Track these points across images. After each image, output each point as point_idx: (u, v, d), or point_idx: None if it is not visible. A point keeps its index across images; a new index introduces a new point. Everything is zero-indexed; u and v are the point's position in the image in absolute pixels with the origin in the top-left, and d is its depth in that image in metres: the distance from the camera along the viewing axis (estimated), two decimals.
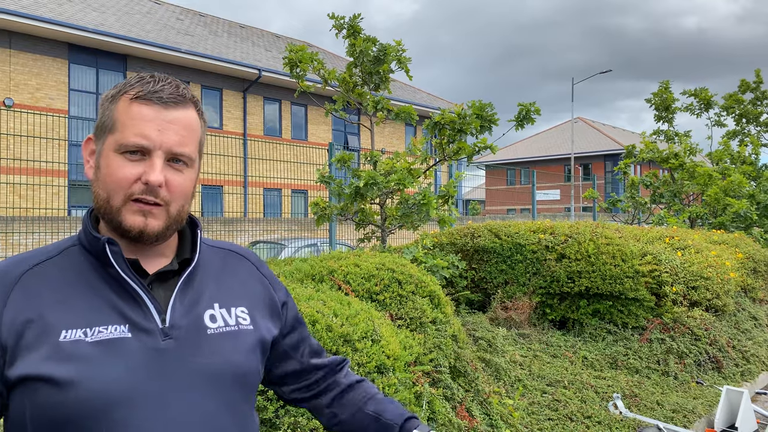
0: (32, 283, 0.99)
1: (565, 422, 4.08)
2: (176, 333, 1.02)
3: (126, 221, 1.01)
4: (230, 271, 1.18)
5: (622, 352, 5.54)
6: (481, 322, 5.34)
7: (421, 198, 4.91)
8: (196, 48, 19.13)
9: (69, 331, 0.95)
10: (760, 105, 15.12)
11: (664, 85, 13.14)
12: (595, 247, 5.96)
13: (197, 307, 1.07)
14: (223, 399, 1.04)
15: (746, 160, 13.13)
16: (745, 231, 10.83)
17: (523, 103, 5.55)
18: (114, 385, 0.94)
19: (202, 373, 1.02)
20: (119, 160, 1.00)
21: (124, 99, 1.03)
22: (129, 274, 1.01)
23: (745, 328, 6.93)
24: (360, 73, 5.50)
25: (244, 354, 1.08)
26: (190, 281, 1.09)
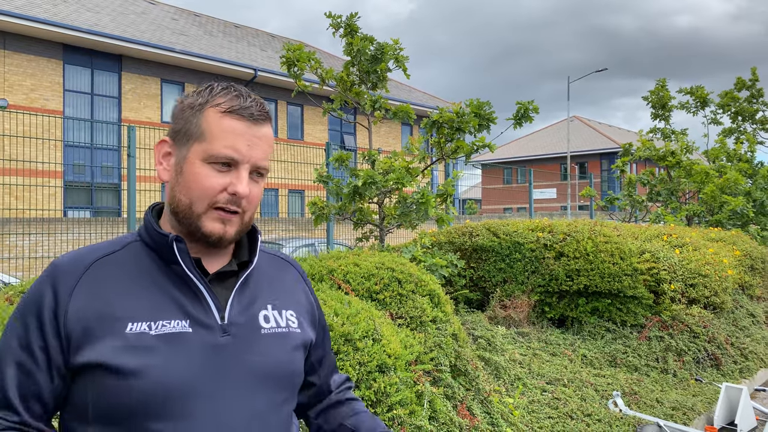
0: (98, 275, 1.04)
1: (565, 420, 4.08)
2: (234, 330, 1.07)
3: (206, 227, 1.06)
4: (280, 277, 1.24)
5: (621, 350, 5.54)
6: (480, 320, 5.33)
7: (419, 197, 4.90)
8: (191, 48, 19.08)
9: (134, 324, 1.00)
10: (756, 103, 15.16)
11: (660, 83, 13.16)
12: (594, 245, 5.96)
13: (253, 307, 1.12)
14: (272, 397, 1.09)
15: (742, 158, 13.16)
16: (742, 228, 10.86)
17: (521, 102, 5.54)
18: (175, 377, 0.99)
19: (256, 370, 1.07)
20: (207, 170, 1.05)
21: (214, 111, 1.07)
22: (193, 271, 1.06)
23: (743, 325, 6.95)
24: (357, 72, 5.48)
25: (292, 355, 1.14)
26: (246, 282, 1.14)
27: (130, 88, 17.88)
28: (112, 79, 17.63)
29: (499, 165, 37.49)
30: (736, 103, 15.07)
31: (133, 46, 17.15)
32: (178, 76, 18.98)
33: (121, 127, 16.26)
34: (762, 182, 12.22)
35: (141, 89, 18.13)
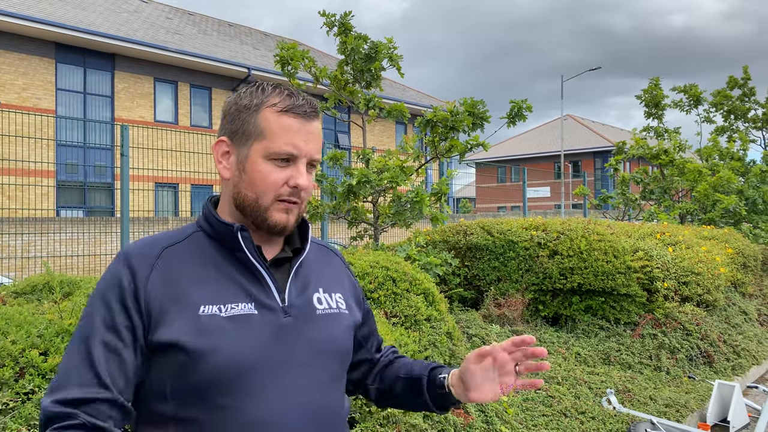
0: (169, 262, 1.13)
1: (559, 418, 4.09)
2: (293, 311, 1.17)
3: (272, 218, 1.16)
4: (326, 263, 1.34)
5: (614, 347, 5.57)
6: (474, 319, 5.35)
7: (414, 196, 4.91)
8: (185, 47, 19.02)
9: (206, 307, 1.09)
10: (748, 101, 15.25)
11: (654, 82, 13.21)
12: (587, 243, 5.98)
13: (307, 290, 1.22)
14: (330, 372, 1.20)
15: (735, 156, 13.23)
16: (735, 226, 10.91)
17: (515, 100, 5.55)
18: (246, 355, 1.08)
19: (315, 348, 1.17)
20: (269, 166, 1.15)
21: (271, 111, 1.16)
22: (257, 258, 1.16)
23: (735, 322, 6.99)
24: (351, 71, 5.48)
25: (344, 333, 1.25)
26: (300, 267, 1.24)
27: (123, 87, 17.81)
28: (105, 78, 17.55)
29: (493, 164, 37.54)
30: (729, 101, 15.14)
31: (126, 44, 17.08)
32: (171, 75, 18.91)
33: (114, 126, 16.20)
34: (754, 180, 12.29)
35: (134, 88, 18.05)
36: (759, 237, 10.82)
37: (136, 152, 10.79)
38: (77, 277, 4.00)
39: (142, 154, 11.01)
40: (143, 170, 9.23)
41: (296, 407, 1.11)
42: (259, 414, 1.07)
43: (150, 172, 14.32)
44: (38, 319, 2.56)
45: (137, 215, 10.78)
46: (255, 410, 1.07)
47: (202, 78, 19.60)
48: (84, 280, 3.78)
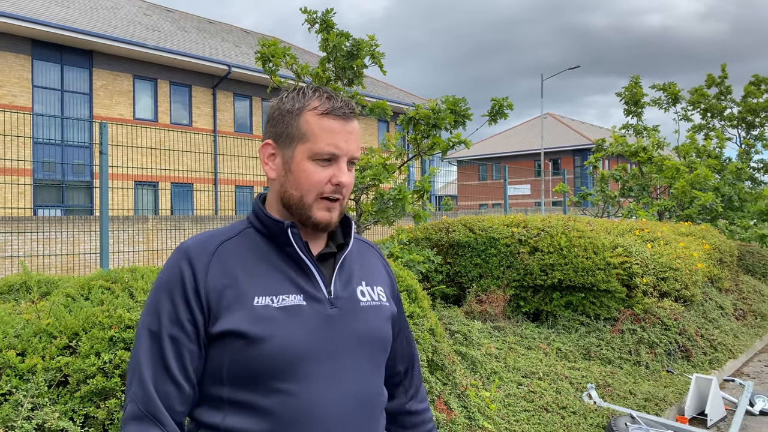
0: (224, 257, 1.21)
1: (541, 413, 4.13)
2: (340, 303, 1.24)
3: (316, 216, 1.23)
4: (367, 257, 1.41)
5: (594, 343, 5.63)
6: (456, 315, 5.37)
7: (396, 193, 4.91)
8: (164, 44, 18.82)
9: (260, 298, 1.17)
10: (724, 100, 15.49)
11: (634, 80, 13.36)
12: (568, 240, 6.03)
13: (351, 283, 1.30)
14: (374, 360, 1.28)
15: (711, 154, 13.44)
16: (711, 223, 11.10)
17: (496, 98, 5.58)
18: (297, 343, 1.16)
19: (360, 337, 1.25)
20: (313, 166, 1.22)
21: (312, 114, 1.23)
22: (306, 253, 1.23)
23: (712, 317, 7.10)
24: (333, 68, 5.47)
25: (385, 324, 1.32)
26: (344, 261, 1.31)
27: (102, 84, 17.57)
28: (83, 75, 17.31)
29: (475, 162, 37.70)
30: (706, 99, 15.37)
31: (105, 41, 16.85)
32: (150, 73, 18.71)
33: (93, 123, 15.99)
34: (730, 178, 12.50)
35: (113, 85, 17.83)
36: (735, 233, 11.02)
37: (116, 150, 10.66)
38: (55, 277, 3.95)
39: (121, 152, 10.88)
40: (122, 168, 9.12)
41: (343, 393, 1.19)
42: (310, 398, 1.15)
43: (129, 170, 14.19)
44: (15, 319, 2.52)
45: (116, 214, 10.66)
46: (306, 395, 1.15)
47: (181, 75, 19.42)
48: (62, 280, 3.73)
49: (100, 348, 2.37)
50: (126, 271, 3.03)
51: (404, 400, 1.48)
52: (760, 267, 11.51)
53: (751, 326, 7.82)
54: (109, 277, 2.92)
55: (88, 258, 7.82)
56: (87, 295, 2.78)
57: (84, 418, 2.26)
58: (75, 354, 2.38)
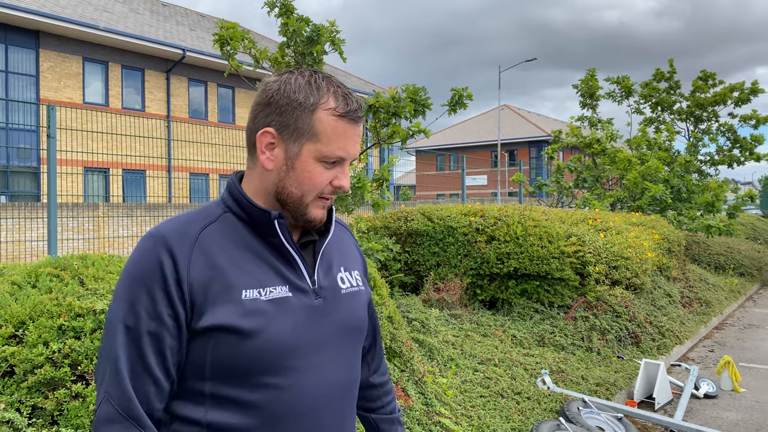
0: (207, 245, 1.14)
1: (496, 399, 4.20)
2: (323, 293, 1.22)
3: (311, 214, 1.20)
4: (342, 240, 1.38)
5: (549, 330, 5.75)
6: (414, 303, 5.40)
7: (355, 182, 4.89)
8: (116, 26, 18.22)
9: (248, 291, 1.12)
10: (674, 94, 15.94)
11: (590, 73, 13.62)
12: (523, 229, 6.13)
13: (332, 271, 1.27)
14: (355, 347, 1.28)
15: (662, 147, 13.84)
16: (661, 213, 11.45)
17: (455, 88, 5.60)
18: (286, 336, 1.13)
19: (343, 326, 1.24)
20: (319, 167, 1.18)
21: (328, 114, 1.16)
22: (291, 244, 1.20)
23: (660, 304, 7.35)
24: (293, 54, 5.39)
25: (364, 310, 1.32)
26: (324, 249, 1.28)
27: (49, 66, 16.91)
28: (29, 56, 16.61)
29: (433, 152, 37.92)
30: (657, 93, 15.79)
31: (52, 21, 16.19)
32: (101, 55, 18.10)
33: (40, 106, 15.38)
34: (679, 170, 12.90)
35: (61, 68, 17.18)
36: (683, 224, 11.40)
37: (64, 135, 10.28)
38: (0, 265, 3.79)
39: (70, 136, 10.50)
40: (72, 153, 8.81)
41: (327, 384, 1.19)
42: (297, 392, 1.14)
43: (79, 155, 13.72)
44: None
45: (65, 200, 10.30)
46: (293, 388, 1.13)
47: (134, 59, 18.85)
48: (7, 267, 3.58)
49: (48, 337, 2.29)
50: (76, 258, 2.93)
51: (367, 374, 1.48)
52: (706, 256, 11.96)
53: (696, 313, 8.13)
54: (58, 265, 2.82)
55: (35, 245, 7.55)
56: (34, 282, 2.67)
57: (31, 409, 2.19)
58: (21, 343, 2.29)
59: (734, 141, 15.32)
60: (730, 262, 12.08)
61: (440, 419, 3.51)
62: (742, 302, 10.54)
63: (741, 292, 10.77)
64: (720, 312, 8.85)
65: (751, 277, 12.28)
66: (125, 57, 18.65)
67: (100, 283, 2.68)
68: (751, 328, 8.44)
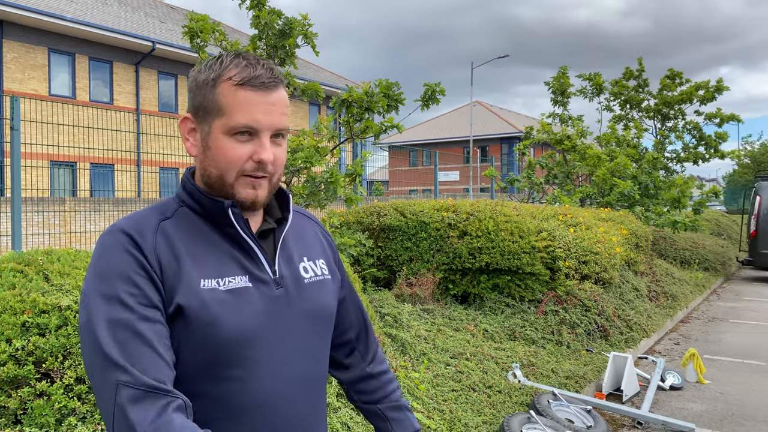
0: (166, 238, 1.13)
1: (468, 393, 4.23)
2: (284, 282, 1.20)
3: (239, 194, 1.15)
4: (306, 229, 1.36)
5: (519, 324, 5.81)
6: (387, 298, 5.41)
7: (328, 176, 4.87)
8: (83, 17, 17.82)
9: (206, 281, 1.11)
10: (642, 92, 16.22)
11: (562, 71, 13.78)
12: (495, 224, 6.18)
13: (293, 260, 1.25)
14: (320, 335, 1.26)
15: (630, 144, 14.08)
16: (629, 209, 11.65)
17: (428, 83, 5.61)
18: (246, 327, 1.11)
19: (306, 315, 1.22)
20: (231, 142, 1.13)
21: (227, 85, 1.13)
22: (247, 233, 1.17)
23: (628, 298, 7.48)
24: (264, 47, 5.33)
25: (330, 298, 1.29)
26: (284, 237, 1.26)
27: (13, 57, 16.46)
28: None
29: (406, 147, 37.99)
30: (626, 91, 16.06)
31: (16, 11, 15.75)
32: (67, 46, 17.68)
33: (3, 98, 14.97)
34: (646, 167, 13.14)
35: (25, 59, 16.73)
36: (650, 219, 11.62)
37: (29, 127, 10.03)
38: None
39: (35, 129, 10.25)
40: (37, 146, 8.59)
41: (291, 376, 1.16)
42: (259, 384, 1.12)
43: (45, 148, 13.40)
44: None
45: (30, 195, 10.05)
46: (255, 381, 1.11)
47: (102, 51, 18.47)
48: None
49: (11, 334, 2.23)
50: (41, 253, 2.86)
51: (363, 365, 1.46)
52: (672, 251, 12.21)
53: (663, 307, 8.30)
54: (21, 260, 2.75)
55: None
56: None
57: None
58: None
59: (699, 138, 15.67)
60: (696, 256, 12.36)
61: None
62: (707, 296, 10.80)
63: (705, 286, 11.03)
64: (685, 306, 9.05)
65: (716, 272, 12.58)
66: (93, 49, 18.25)
67: (65, 278, 2.62)
68: (715, 321, 8.65)
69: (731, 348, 7.01)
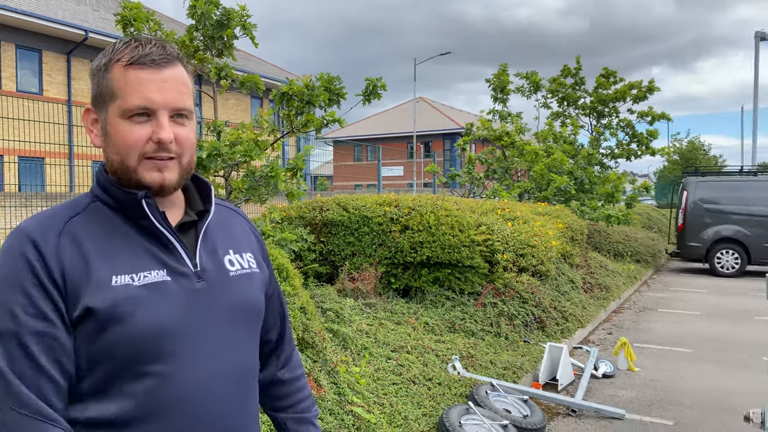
0: (74, 236, 1.08)
1: (408, 385, 4.27)
2: (206, 275, 1.16)
3: (144, 178, 1.11)
4: (230, 223, 1.33)
5: (459, 316, 5.91)
6: (329, 293, 5.39)
7: (268, 170, 4.80)
8: (9, 3, 16.93)
9: (118, 277, 1.07)
10: (579, 90, 16.72)
11: (502, 68, 14.04)
12: (436, 218, 6.25)
13: (217, 253, 1.22)
14: (247, 331, 1.22)
15: (567, 140, 14.50)
16: (565, 204, 12.02)
17: (370, 78, 5.61)
18: (163, 321, 1.07)
19: (231, 309, 1.18)
20: (128, 125, 1.10)
21: (118, 67, 1.10)
22: (164, 224, 1.13)
23: (564, 290, 7.72)
24: (202, 37, 5.21)
25: (257, 292, 1.26)
26: (207, 230, 1.22)
27: None
28: None
29: (351, 142, 37.94)
30: (563, 89, 16.51)
31: None
32: None
33: None
34: (582, 162, 13.58)
35: None
36: (585, 213, 12.02)
37: None
38: None
39: None
40: None
41: (216, 371, 1.13)
42: (181, 379, 1.08)
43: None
44: None
45: None
46: (176, 376, 1.08)
47: (31, 39, 17.61)
48: None
49: None
50: None
51: (275, 369, 1.42)
52: (606, 244, 12.67)
53: (597, 298, 8.60)
54: None
55: None
56: None
57: None
58: None
59: (632, 136, 16.28)
60: (628, 249, 12.87)
61: (352, 408, 3.53)
62: (638, 287, 11.27)
63: (637, 277, 11.50)
64: (618, 296, 9.41)
65: (646, 264, 13.13)
66: (20, 36, 17.38)
67: None
68: (646, 311, 9.04)
69: (660, 336, 7.34)
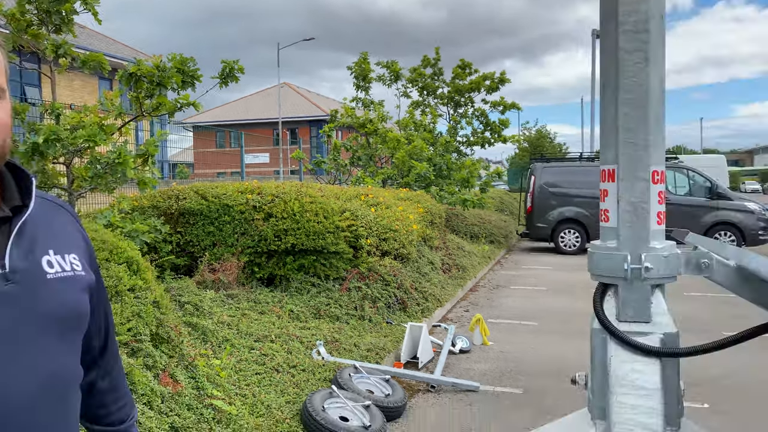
0: None
1: (272, 374, 4.23)
2: (17, 277, 1.05)
3: None
4: (54, 220, 1.21)
5: (324, 302, 5.94)
6: (187, 286, 5.18)
7: (115, 156, 4.50)
8: None
9: None
10: (438, 80, 17.34)
11: (363, 56, 14.19)
12: (300, 205, 6.22)
13: (34, 252, 1.10)
14: (67, 339, 1.12)
15: (426, 128, 15.03)
16: (425, 189, 12.48)
17: (226, 60, 5.43)
18: None
19: (47, 315, 1.08)
20: None
21: None
22: None
23: (424, 272, 8.03)
24: (36, 11, 4.74)
25: (80, 297, 1.16)
26: (24, 227, 1.10)
27: None
28: None
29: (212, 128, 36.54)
30: (423, 78, 17.05)
31: None
32: None
33: None
34: (441, 150, 14.15)
35: None
36: (444, 198, 12.56)
37: None
38: None
39: None
40: None
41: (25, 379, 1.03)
42: None
43: None
44: None
45: None
46: None
47: None
48: None
49: None
50: None
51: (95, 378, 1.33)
52: (463, 227, 13.33)
53: (454, 278, 9.05)
54: None
55: None
56: None
57: None
58: None
59: (486, 124, 17.20)
60: (483, 231, 13.64)
61: (212, 401, 3.43)
62: (492, 266, 12.00)
63: (491, 257, 12.24)
64: (474, 276, 9.97)
65: (499, 244, 14.01)
66: None
67: None
68: (498, 288, 9.66)
69: (511, 311, 7.88)
